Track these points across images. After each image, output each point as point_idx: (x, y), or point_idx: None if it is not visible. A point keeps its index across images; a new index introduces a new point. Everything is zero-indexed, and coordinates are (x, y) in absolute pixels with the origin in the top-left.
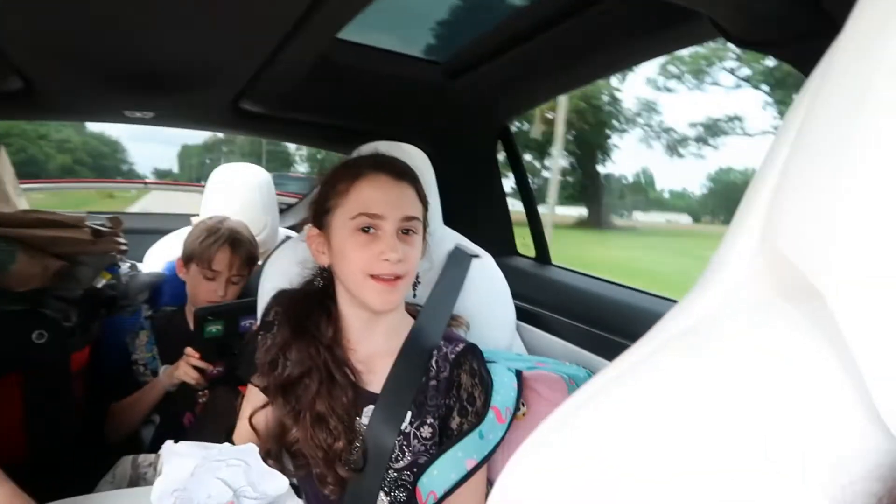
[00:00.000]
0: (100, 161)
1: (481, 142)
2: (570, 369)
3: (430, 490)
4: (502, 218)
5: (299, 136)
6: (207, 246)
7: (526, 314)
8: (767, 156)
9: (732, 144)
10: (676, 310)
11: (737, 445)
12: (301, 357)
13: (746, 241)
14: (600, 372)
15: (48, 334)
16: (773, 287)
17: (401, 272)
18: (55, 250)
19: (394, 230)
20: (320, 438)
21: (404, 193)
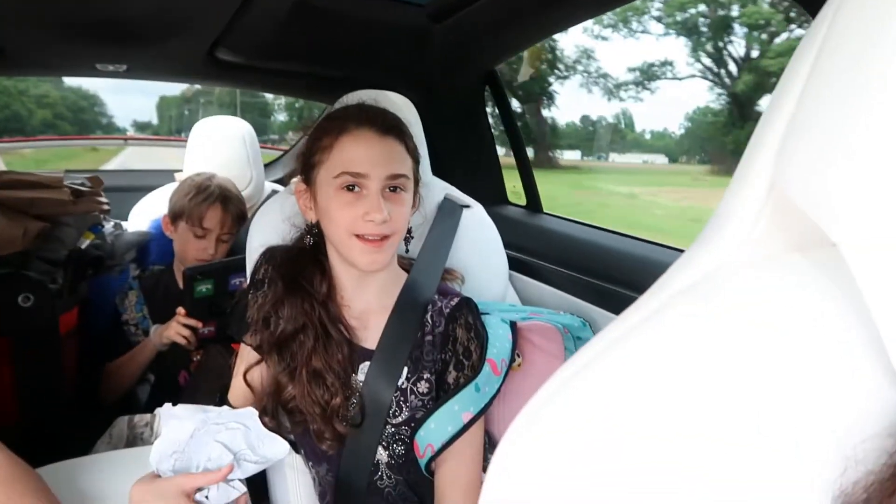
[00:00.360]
0: (79, 115)
1: (468, 87)
2: (564, 318)
3: (428, 443)
4: (492, 166)
5: (279, 86)
6: (198, 203)
7: (518, 264)
8: (774, 100)
9: (665, 87)
10: (680, 264)
11: (746, 404)
12: (295, 313)
13: (753, 189)
14: (603, 331)
15: (34, 297)
16: (782, 238)
17: (387, 232)
18: (35, 212)
19: (379, 189)
20: (317, 395)
21: (390, 150)
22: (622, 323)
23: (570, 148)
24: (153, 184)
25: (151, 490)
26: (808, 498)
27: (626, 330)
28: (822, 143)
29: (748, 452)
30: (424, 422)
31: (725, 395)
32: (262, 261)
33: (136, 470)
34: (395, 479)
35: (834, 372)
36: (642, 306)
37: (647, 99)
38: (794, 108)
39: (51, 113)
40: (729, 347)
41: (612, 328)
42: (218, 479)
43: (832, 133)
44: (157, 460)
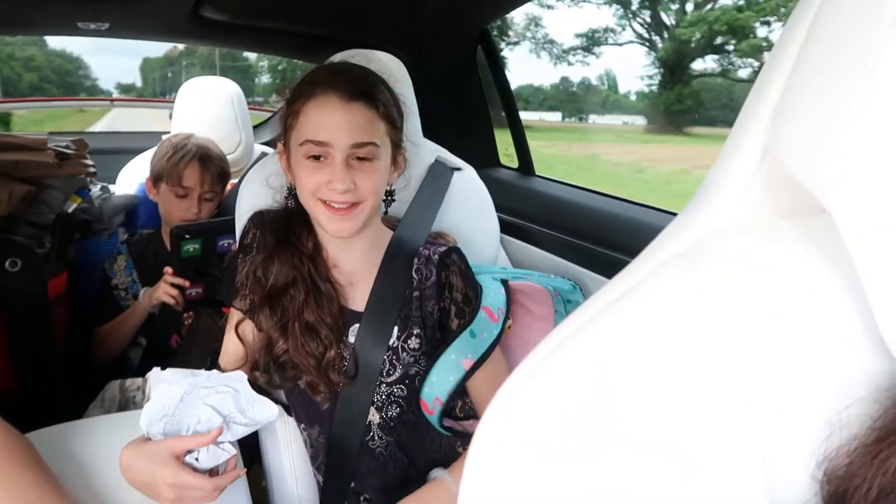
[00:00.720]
0: (65, 78)
1: (460, 47)
2: (555, 281)
3: (434, 397)
4: (484, 128)
5: (266, 46)
6: (175, 163)
7: (510, 227)
8: (770, 63)
9: (608, 52)
10: (672, 230)
11: (732, 372)
12: (285, 268)
13: (746, 155)
14: (592, 298)
15: (21, 261)
16: (773, 204)
17: (352, 200)
18: (19, 174)
19: (343, 157)
20: (311, 347)
21: (355, 117)
22: (612, 290)
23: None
24: (141, 146)
25: (141, 453)
26: (792, 463)
27: (616, 297)
28: (818, 107)
29: (734, 419)
30: (426, 378)
31: (713, 363)
32: (251, 225)
33: (128, 434)
34: (387, 441)
35: (820, 338)
36: (632, 273)
37: (594, 63)
38: (790, 71)
39: (37, 76)
40: (717, 316)
41: (601, 295)
42: (207, 441)
43: (829, 97)
44: (146, 424)
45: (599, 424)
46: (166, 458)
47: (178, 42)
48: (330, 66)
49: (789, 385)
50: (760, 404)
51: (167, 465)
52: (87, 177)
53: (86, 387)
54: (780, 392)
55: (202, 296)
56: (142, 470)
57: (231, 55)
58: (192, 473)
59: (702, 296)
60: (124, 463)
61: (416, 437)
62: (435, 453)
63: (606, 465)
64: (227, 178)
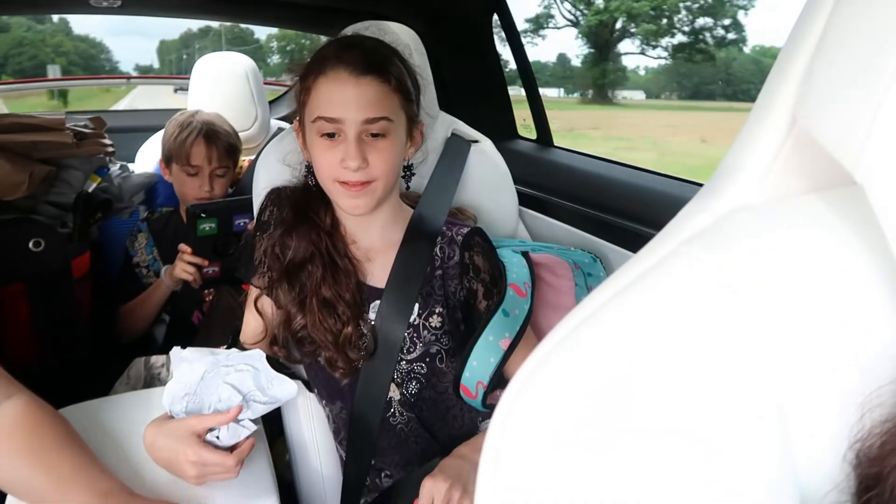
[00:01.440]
0: (89, 62)
1: (475, 16)
2: (574, 254)
3: (477, 381)
4: (501, 99)
5: (279, 19)
6: (181, 141)
7: (529, 199)
8: (797, 29)
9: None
10: (693, 206)
11: (757, 351)
12: (303, 243)
13: (772, 125)
14: (610, 278)
15: (45, 241)
16: (800, 177)
17: (366, 178)
18: (38, 155)
19: (355, 134)
20: (329, 323)
21: (366, 92)
22: (631, 269)
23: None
24: (158, 124)
25: (163, 430)
26: (820, 444)
27: (636, 277)
28: (848, 76)
29: (758, 401)
30: (465, 365)
31: (736, 344)
32: (268, 202)
33: (155, 410)
34: (408, 417)
35: (850, 315)
36: (652, 252)
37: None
38: (819, 36)
39: (66, 60)
40: (741, 296)
41: (620, 274)
42: (227, 419)
43: (860, 65)
44: (169, 402)
45: (621, 405)
46: (187, 437)
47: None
48: (341, 40)
49: (813, 365)
50: (784, 386)
51: (188, 443)
52: (106, 156)
53: (111, 364)
54: (804, 373)
55: (219, 274)
56: (164, 447)
57: (240, 37)
58: (212, 451)
59: (725, 275)
60: (147, 441)
61: (437, 413)
62: (457, 430)
63: (628, 445)
64: (236, 153)
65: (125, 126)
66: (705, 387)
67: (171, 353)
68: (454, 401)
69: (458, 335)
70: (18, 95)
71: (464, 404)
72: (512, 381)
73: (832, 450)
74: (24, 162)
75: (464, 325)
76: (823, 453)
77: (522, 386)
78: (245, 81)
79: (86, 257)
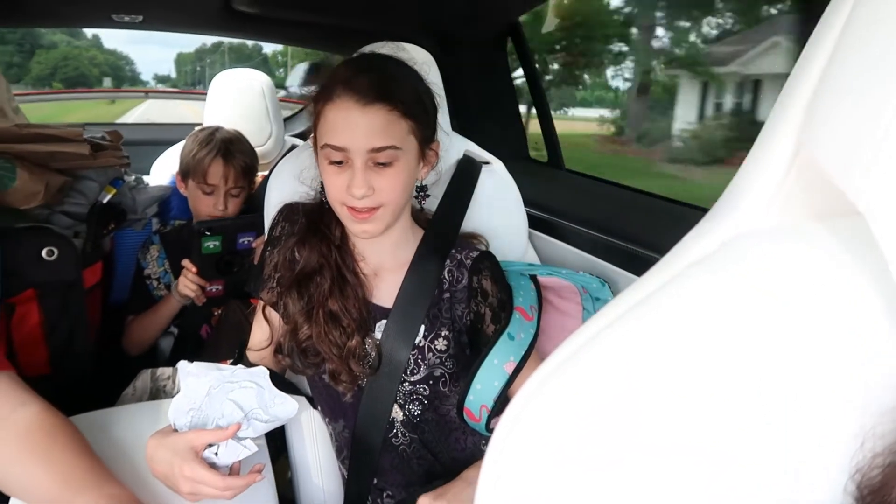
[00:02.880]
0: (117, 72)
1: (490, 39)
2: (583, 278)
3: (481, 405)
4: (513, 121)
5: (295, 38)
6: (200, 159)
7: (539, 222)
8: (805, 56)
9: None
10: (700, 230)
11: (760, 380)
12: (314, 254)
13: (777, 153)
14: (617, 298)
15: (58, 251)
16: (805, 205)
17: (373, 205)
18: (55, 165)
19: (362, 162)
20: (335, 336)
21: (372, 120)
22: (637, 291)
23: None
24: (174, 137)
25: (164, 444)
26: (823, 473)
27: (641, 299)
28: (853, 105)
29: (760, 426)
30: (469, 388)
31: (739, 367)
32: (280, 217)
33: (159, 422)
34: (410, 438)
35: (852, 342)
36: (658, 275)
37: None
38: (825, 64)
39: (98, 71)
40: (743, 319)
41: (625, 296)
42: (225, 436)
43: (865, 94)
44: (173, 416)
45: (622, 425)
46: (186, 451)
47: (209, 34)
48: (351, 62)
49: (816, 391)
50: (786, 411)
51: (185, 458)
52: (122, 167)
53: (118, 375)
54: (806, 399)
55: (222, 293)
56: (162, 460)
57: (244, 52)
58: (207, 469)
59: (728, 298)
60: (148, 453)
61: (440, 436)
62: (459, 452)
63: (630, 465)
64: (253, 172)
65: (141, 139)
66: (709, 406)
67: (179, 366)
68: (457, 424)
69: (464, 359)
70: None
71: (467, 427)
72: (513, 401)
73: (835, 478)
74: (41, 172)
75: (470, 349)
76: (824, 482)
77: (524, 406)
78: (261, 98)
79: (97, 267)
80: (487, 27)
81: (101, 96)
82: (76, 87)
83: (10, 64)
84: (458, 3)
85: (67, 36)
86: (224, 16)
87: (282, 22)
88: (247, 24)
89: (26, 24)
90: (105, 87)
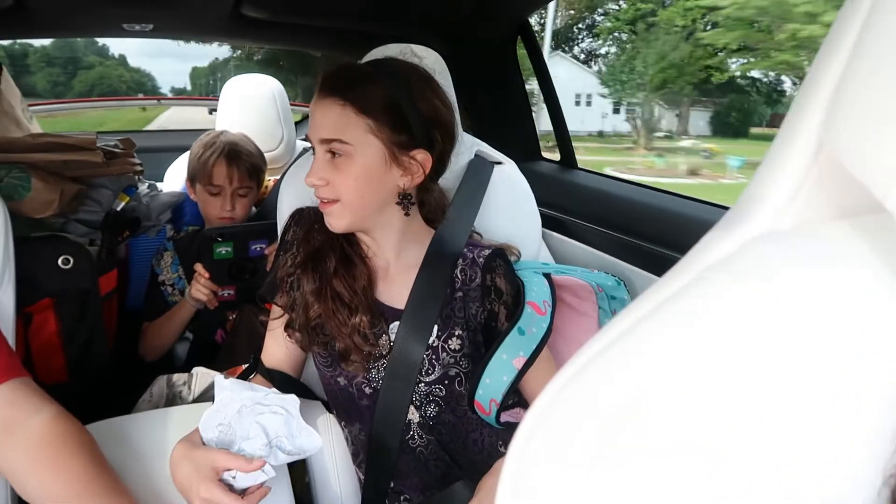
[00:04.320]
0: (140, 87)
1: (500, 39)
2: (598, 277)
3: (490, 398)
4: (525, 120)
5: (305, 42)
6: (205, 161)
7: (552, 221)
8: (824, 51)
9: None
10: (718, 231)
11: (781, 379)
12: (323, 238)
13: (798, 151)
14: (634, 302)
15: (74, 259)
16: (828, 204)
17: (326, 196)
18: (69, 174)
19: (321, 153)
20: (343, 315)
21: (325, 112)
22: (653, 296)
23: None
24: (188, 144)
25: (189, 457)
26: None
27: (658, 304)
28: (876, 99)
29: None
30: (479, 381)
31: (758, 372)
32: (292, 222)
33: (175, 428)
34: (427, 440)
35: (879, 346)
36: (675, 278)
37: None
38: (847, 59)
39: (125, 86)
40: (763, 324)
41: (642, 301)
42: (247, 469)
43: (891, 86)
44: (203, 426)
45: (640, 432)
46: (207, 470)
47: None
48: (341, 61)
49: (840, 396)
50: (808, 416)
51: (204, 478)
52: (135, 175)
53: (134, 381)
54: (829, 404)
55: (234, 297)
56: (185, 473)
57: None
58: (224, 492)
59: (749, 302)
60: (173, 459)
61: (458, 437)
62: (477, 454)
63: (648, 473)
64: (260, 173)
65: (155, 146)
66: (736, 413)
67: (216, 379)
68: (474, 425)
69: (478, 358)
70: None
71: (484, 428)
72: (534, 405)
73: (864, 483)
74: (56, 180)
75: (485, 348)
76: (852, 490)
77: (545, 410)
78: (272, 103)
79: (112, 275)
80: (497, 27)
81: (109, 105)
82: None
83: (56, 82)
84: (468, 4)
85: (99, 57)
86: (233, 22)
87: (291, 26)
88: (256, 29)
89: (32, 35)
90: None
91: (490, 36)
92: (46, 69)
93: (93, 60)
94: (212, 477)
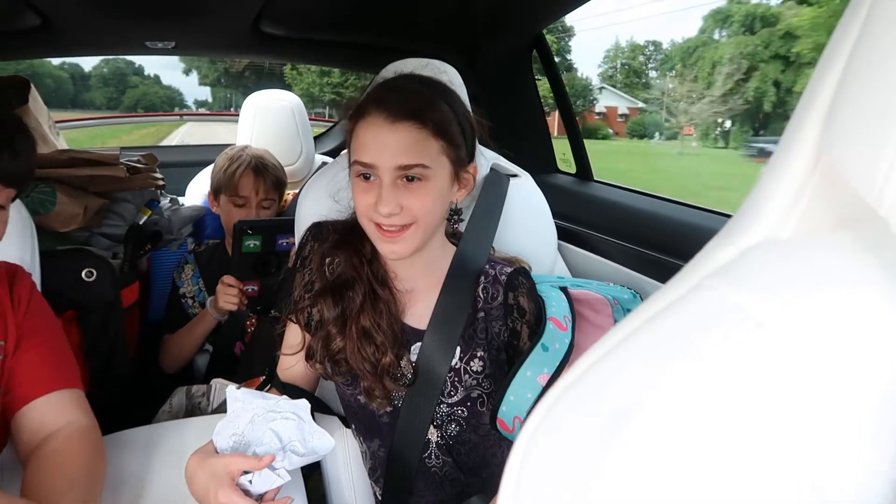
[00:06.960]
0: (171, 102)
1: (515, 52)
2: (614, 290)
3: (514, 416)
4: (540, 133)
5: (323, 58)
6: (231, 173)
7: (568, 234)
8: (822, 64)
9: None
10: (719, 240)
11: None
12: (347, 266)
13: (798, 161)
14: (634, 311)
15: (97, 272)
16: (826, 213)
17: (402, 222)
18: (94, 188)
19: (391, 179)
20: (368, 352)
21: (402, 138)
22: (654, 303)
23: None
24: (209, 158)
25: (203, 465)
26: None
27: (656, 312)
28: (873, 108)
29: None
30: (502, 399)
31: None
32: (309, 237)
33: (194, 440)
34: (444, 461)
35: (878, 350)
36: (675, 286)
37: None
38: (843, 71)
39: (159, 101)
40: (766, 331)
41: (642, 309)
42: (260, 466)
43: (885, 97)
44: (217, 437)
45: (633, 441)
46: (222, 476)
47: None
48: (386, 83)
49: (840, 402)
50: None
51: (221, 484)
52: (157, 189)
53: (155, 392)
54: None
55: (257, 293)
56: (201, 482)
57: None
58: (240, 496)
59: (747, 309)
60: (188, 471)
61: (477, 454)
62: (497, 467)
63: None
64: (282, 186)
65: (177, 161)
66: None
67: (227, 391)
68: (494, 440)
69: (500, 377)
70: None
71: (503, 442)
72: (533, 414)
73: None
74: (80, 195)
75: (508, 367)
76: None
77: (542, 419)
78: (291, 117)
79: (135, 287)
80: (512, 40)
81: (144, 120)
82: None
83: (110, 98)
84: (483, 18)
85: (139, 77)
86: (252, 38)
87: (308, 42)
88: (275, 45)
89: (56, 54)
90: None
91: (504, 49)
92: (103, 88)
93: (136, 80)
94: (228, 482)
